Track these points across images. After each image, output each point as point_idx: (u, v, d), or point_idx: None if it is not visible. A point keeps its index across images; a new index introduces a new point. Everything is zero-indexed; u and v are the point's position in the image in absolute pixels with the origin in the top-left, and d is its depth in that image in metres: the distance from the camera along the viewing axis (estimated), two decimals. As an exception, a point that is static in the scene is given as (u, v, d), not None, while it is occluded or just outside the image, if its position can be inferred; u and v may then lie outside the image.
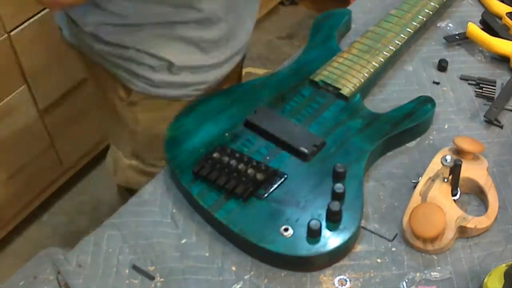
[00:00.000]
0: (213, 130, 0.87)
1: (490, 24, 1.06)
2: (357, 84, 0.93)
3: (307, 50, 1.03)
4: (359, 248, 0.79)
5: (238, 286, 0.75)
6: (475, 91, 0.98)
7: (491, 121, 0.92)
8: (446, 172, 0.81)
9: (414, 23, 1.03)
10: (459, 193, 0.81)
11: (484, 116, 0.93)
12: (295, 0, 2.85)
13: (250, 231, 0.76)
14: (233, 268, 0.77)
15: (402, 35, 1.01)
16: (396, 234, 0.80)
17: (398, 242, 0.79)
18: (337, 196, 0.78)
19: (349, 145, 0.85)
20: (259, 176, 0.80)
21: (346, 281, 0.75)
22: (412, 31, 1.02)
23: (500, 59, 1.03)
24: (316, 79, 0.95)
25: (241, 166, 0.81)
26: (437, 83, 0.98)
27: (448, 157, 0.83)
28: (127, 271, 0.77)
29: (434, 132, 0.92)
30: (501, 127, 0.92)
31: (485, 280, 0.72)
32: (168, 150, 0.86)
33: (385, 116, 0.90)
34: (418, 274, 0.75)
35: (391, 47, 0.99)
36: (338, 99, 0.92)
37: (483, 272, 0.74)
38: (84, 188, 1.89)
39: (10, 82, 1.48)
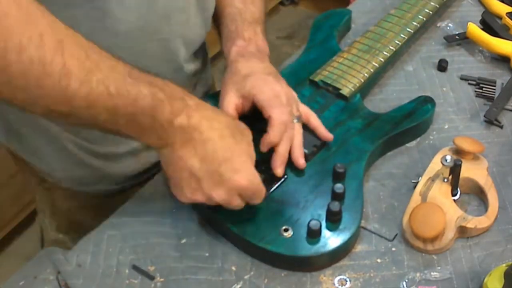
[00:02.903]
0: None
1: (490, 24, 1.06)
2: (357, 84, 0.93)
3: (307, 50, 1.03)
4: (359, 248, 0.79)
5: (238, 286, 0.75)
6: (475, 91, 0.98)
7: (491, 121, 0.92)
8: (446, 172, 0.81)
9: (414, 23, 1.03)
10: (459, 193, 0.81)
11: (484, 116, 0.93)
12: (295, 0, 2.85)
13: (250, 231, 0.76)
14: (233, 268, 0.77)
15: (402, 35, 1.01)
16: (396, 234, 0.80)
17: (398, 242, 0.79)
18: (337, 196, 0.78)
19: (349, 145, 0.85)
20: (259, 176, 0.80)
21: (346, 281, 0.75)
22: (412, 31, 1.02)
23: (500, 59, 1.03)
24: (316, 79, 0.95)
25: (241, 166, 0.81)
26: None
27: (448, 157, 0.83)
28: (127, 271, 0.77)
29: (434, 132, 0.92)
30: (501, 127, 0.92)
31: (485, 280, 0.72)
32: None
33: (385, 116, 0.90)
34: (418, 274, 0.75)
35: (391, 47, 0.99)
36: (338, 99, 0.92)
37: (483, 272, 0.74)
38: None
39: None
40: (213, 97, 0.88)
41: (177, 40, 0.84)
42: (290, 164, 0.83)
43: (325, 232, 0.76)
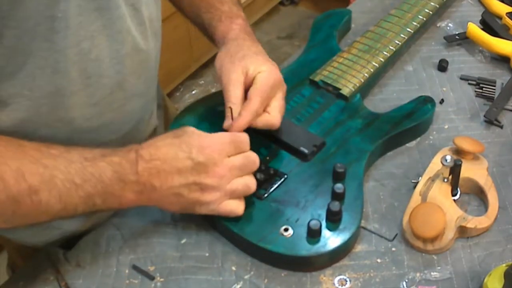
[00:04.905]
0: (213, 130, 0.87)
1: (490, 24, 1.06)
2: (357, 84, 0.93)
3: (307, 50, 1.03)
4: (359, 248, 0.79)
5: (238, 286, 0.75)
6: (475, 91, 0.98)
7: (491, 121, 0.92)
8: (446, 172, 0.81)
9: (414, 23, 1.03)
10: (459, 193, 0.81)
11: (484, 116, 0.93)
12: (295, 0, 2.85)
13: (250, 231, 0.76)
14: (233, 268, 0.77)
15: (402, 35, 1.01)
16: (396, 234, 0.80)
17: (398, 242, 0.79)
18: (337, 196, 0.78)
19: (349, 145, 0.85)
20: (259, 176, 0.80)
21: (346, 281, 0.75)
22: (412, 31, 1.02)
23: (500, 59, 1.03)
24: (316, 79, 0.95)
25: (241, 166, 0.81)
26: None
27: (448, 157, 0.83)
28: (127, 271, 0.77)
29: (434, 132, 0.92)
30: (501, 127, 0.92)
31: (485, 280, 0.72)
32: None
33: (385, 116, 0.90)
34: (418, 274, 0.75)
35: (391, 47, 0.99)
36: (338, 99, 0.92)
37: (483, 272, 0.74)
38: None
39: None
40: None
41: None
42: (290, 164, 0.83)
43: (325, 232, 0.76)
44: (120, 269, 0.77)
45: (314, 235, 0.75)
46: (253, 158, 0.75)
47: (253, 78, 0.80)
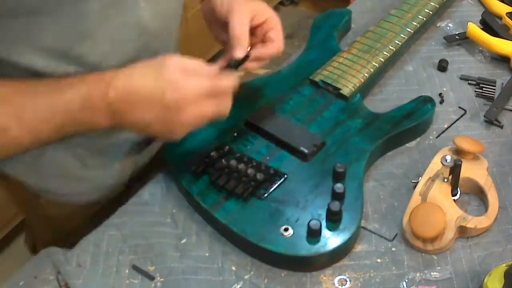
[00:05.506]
0: (213, 130, 0.87)
1: (490, 24, 1.06)
2: (357, 84, 0.93)
3: (307, 50, 1.03)
4: (359, 248, 0.79)
5: (238, 286, 0.75)
6: (475, 91, 0.98)
7: (491, 121, 0.92)
8: (446, 172, 0.81)
9: (414, 23, 1.03)
10: (459, 193, 0.81)
11: (484, 116, 0.93)
12: (295, 0, 2.85)
13: (250, 231, 0.76)
14: (233, 268, 0.77)
15: (402, 35, 1.01)
16: (396, 234, 0.80)
17: (398, 242, 0.79)
18: (337, 196, 0.78)
19: (349, 145, 0.85)
20: (259, 176, 0.80)
21: (346, 281, 0.75)
22: (412, 31, 1.02)
23: (500, 59, 1.03)
24: (316, 79, 0.95)
25: (241, 166, 0.81)
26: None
27: (448, 157, 0.83)
28: (127, 271, 0.77)
29: (434, 132, 0.92)
30: (501, 127, 0.92)
31: (485, 280, 0.72)
32: (168, 150, 0.86)
33: (385, 116, 0.90)
34: (418, 274, 0.75)
35: (391, 47, 0.99)
36: (338, 99, 0.92)
37: (483, 272, 0.74)
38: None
39: None
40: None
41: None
42: (290, 164, 0.83)
43: (325, 232, 0.76)
44: (120, 269, 0.77)
45: (314, 235, 0.75)
46: (225, 107, 0.73)
47: (263, 20, 0.82)
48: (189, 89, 0.69)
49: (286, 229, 0.76)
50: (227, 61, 0.78)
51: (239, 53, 0.78)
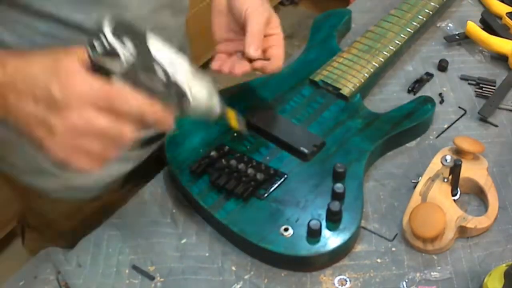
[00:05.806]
0: (213, 130, 0.87)
1: (490, 23, 1.06)
2: (357, 84, 0.93)
3: (307, 50, 1.03)
4: (359, 248, 0.79)
5: (238, 286, 0.75)
6: (475, 91, 0.98)
7: (485, 118, 0.92)
8: (446, 172, 0.81)
9: (414, 23, 1.03)
10: (459, 193, 0.81)
11: (478, 113, 0.93)
12: (295, 0, 2.85)
13: (250, 231, 0.76)
14: (233, 268, 0.77)
15: (402, 35, 1.01)
16: (396, 234, 0.80)
17: (398, 242, 0.79)
18: (337, 196, 0.78)
19: (349, 145, 0.85)
20: (259, 176, 0.80)
21: (346, 281, 0.75)
22: (412, 31, 1.02)
23: (500, 59, 1.03)
24: (316, 79, 0.95)
25: (241, 166, 0.81)
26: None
27: (448, 157, 0.83)
28: (127, 271, 0.77)
29: (434, 132, 0.92)
30: (495, 125, 0.92)
31: (485, 280, 0.72)
32: (168, 150, 0.86)
33: (385, 116, 0.90)
34: (418, 274, 0.75)
35: (391, 47, 0.99)
36: (338, 99, 0.92)
37: (483, 272, 0.74)
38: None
39: None
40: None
41: None
42: (290, 164, 0.83)
43: (325, 232, 0.76)
44: (120, 269, 0.77)
45: (314, 235, 0.75)
46: (123, 133, 0.59)
47: (271, 33, 0.82)
48: (80, 87, 0.59)
49: (286, 229, 0.76)
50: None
51: (254, 52, 0.77)
